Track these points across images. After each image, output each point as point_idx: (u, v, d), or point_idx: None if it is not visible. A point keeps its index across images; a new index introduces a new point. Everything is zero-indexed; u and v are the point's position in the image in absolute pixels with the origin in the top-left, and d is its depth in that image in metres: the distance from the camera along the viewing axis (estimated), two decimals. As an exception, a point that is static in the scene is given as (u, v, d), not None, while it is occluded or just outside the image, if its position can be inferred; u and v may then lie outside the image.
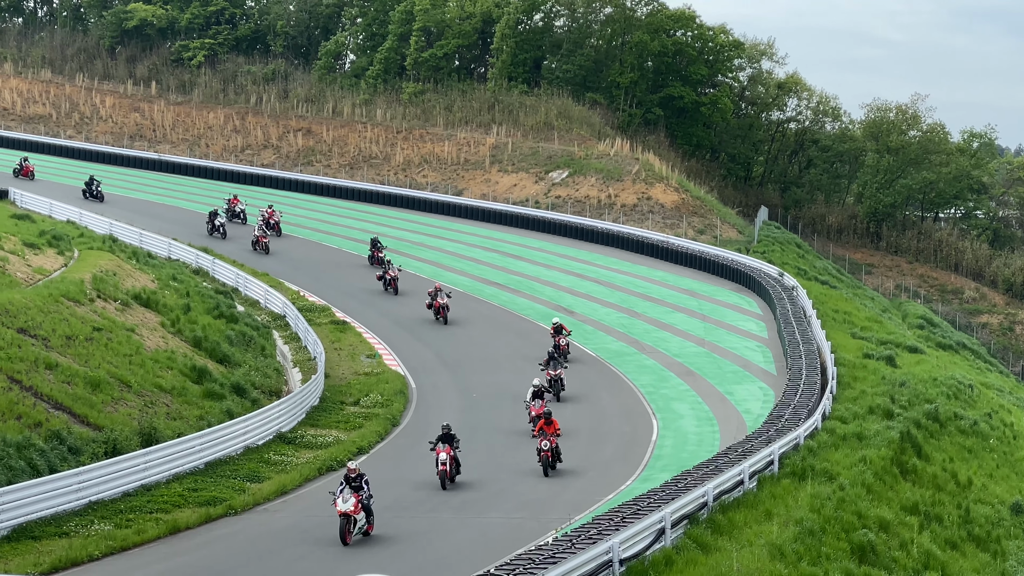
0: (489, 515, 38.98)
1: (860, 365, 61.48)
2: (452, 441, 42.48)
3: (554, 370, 56.80)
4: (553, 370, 56.78)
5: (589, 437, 50.75)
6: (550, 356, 57.54)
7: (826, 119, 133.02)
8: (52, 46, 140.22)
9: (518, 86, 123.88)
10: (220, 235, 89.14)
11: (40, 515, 36.07)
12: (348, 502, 35.49)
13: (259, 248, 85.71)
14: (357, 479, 36.31)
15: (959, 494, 44.10)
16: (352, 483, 36.13)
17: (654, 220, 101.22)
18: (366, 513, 36.14)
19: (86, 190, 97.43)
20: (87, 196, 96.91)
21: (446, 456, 42.13)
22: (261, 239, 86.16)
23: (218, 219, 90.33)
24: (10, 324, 47.29)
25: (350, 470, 36.66)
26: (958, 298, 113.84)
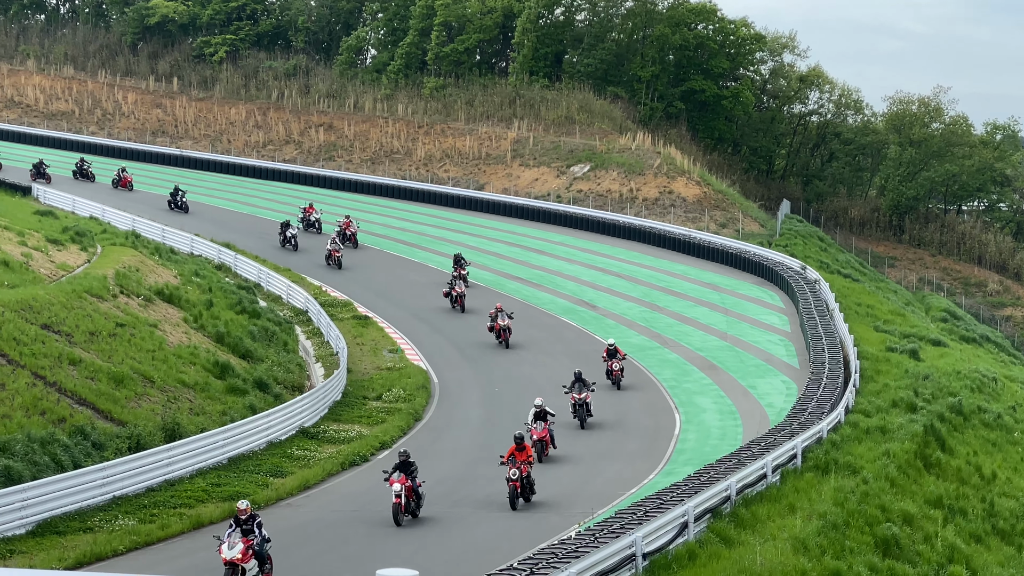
0: (511, 510, 38.96)
1: (883, 358, 61.33)
2: (409, 470, 37.24)
3: (579, 393, 51.24)
4: (578, 393, 51.24)
5: (612, 431, 50.72)
6: (576, 378, 51.66)
7: (848, 112, 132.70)
8: (74, 43, 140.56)
9: (539, 80, 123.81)
10: (292, 247, 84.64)
11: (64, 510, 36.20)
12: (235, 548, 30.29)
13: (331, 263, 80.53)
14: (248, 520, 30.77)
15: (983, 487, 43.96)
16: (242, 525, 30.72)
17: (676, 214, 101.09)
18: (259, 561, 30.79)
19: (171, 201, 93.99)
20: (172, 207, 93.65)
21: (400, 487, 36.77)
22: (334, 253, 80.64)
23: (290, 230, 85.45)
24: (34, 320, 47.45)
25: (240, 511, 30.85)
26: (981, 291, 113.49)
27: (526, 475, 39.45)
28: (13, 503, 34.59)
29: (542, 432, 45.72)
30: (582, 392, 51.35)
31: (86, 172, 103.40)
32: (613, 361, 57.04)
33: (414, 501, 37.43)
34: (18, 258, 59.84)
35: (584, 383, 51.55)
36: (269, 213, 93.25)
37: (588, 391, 51.50)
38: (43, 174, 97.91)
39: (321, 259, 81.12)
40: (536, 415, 46.25)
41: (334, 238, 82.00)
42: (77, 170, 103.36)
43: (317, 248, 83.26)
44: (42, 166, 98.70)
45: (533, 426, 45.94)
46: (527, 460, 39.59)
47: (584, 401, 51.17)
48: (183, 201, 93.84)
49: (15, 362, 43.40)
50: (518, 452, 39.61)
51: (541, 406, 46.38)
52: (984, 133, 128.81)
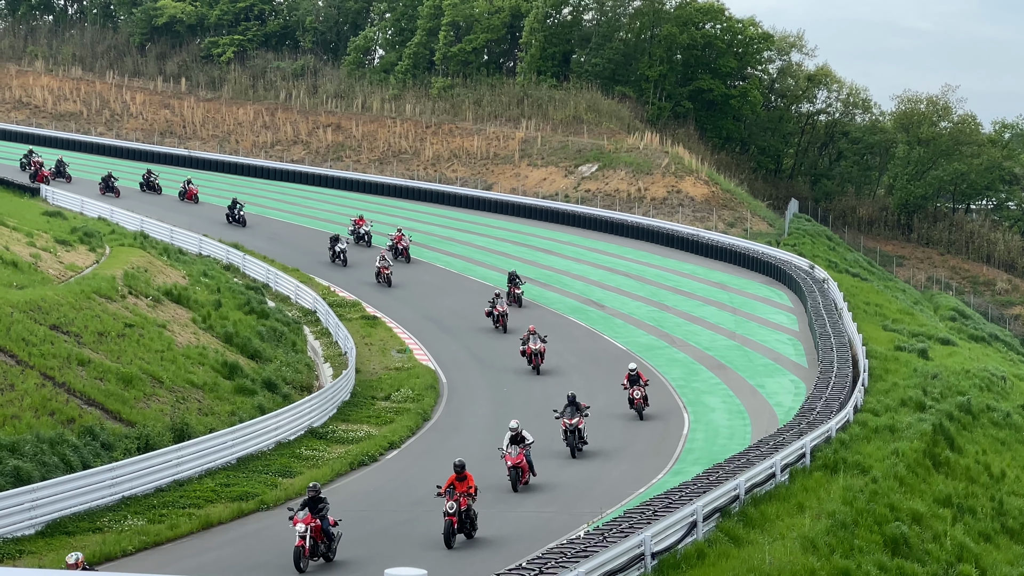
0: (520, 509, 38.99)
1: (892, 357, 61.30)
2: (318, 507, 33.30)
3: (571, 418, 46.36)
4: (570, 418, 46.35)
5: (621, 431, 50.71)
6: (569, 401, 46.82)
7: (856, 111, 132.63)
8: (82, 43, 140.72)
9: (547, 80, 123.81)
10: (341, 262, 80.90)
11: (74, 510, 36.25)
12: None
13: (381, 280, 76.51)
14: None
15: (992, 486, 43.93)
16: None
17: (684, 213, 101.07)
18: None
19: (229, 214, 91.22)
20: (230, 220, 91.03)
21: (305, 528, 32.85)
22: (383, 270, 76.55)
23: (339, 244, 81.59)
24: (43, 321, 47.52)
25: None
26: (990, 290, 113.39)
27: (465, 508, 34.96)
28: (23, 503, 34.66)
29: (516, 458, 41.22)
30: (574, 417, 46.40)
31: (153, 184, 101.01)
32: (635, 388, 51.89)
33: (324, 543, 33.21)
34: (27, 259, 59.94)
35: (577, 407, 46.63)
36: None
37: (581, 416, 46.59)
38: (112, 187, 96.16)
39: (371, 276, 77.48)
40: (511, 439, 41.61)
41: (383, 254, 77.88)
42: (144, 182, 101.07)
43: (366, 263, 79.88)
44: (111, 179, 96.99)
45: (507, 451, 41.46)
46: (468, 491, 35.23)
47: (576, 427, 46.28)
48: (241, 215, 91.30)
49: (24, 363, 43.47)
50: (458, 482, 35.35)
51: (517, 428, 41.64)
52: (992, 132, 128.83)
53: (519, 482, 41.27)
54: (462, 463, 35.87)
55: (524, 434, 41.52)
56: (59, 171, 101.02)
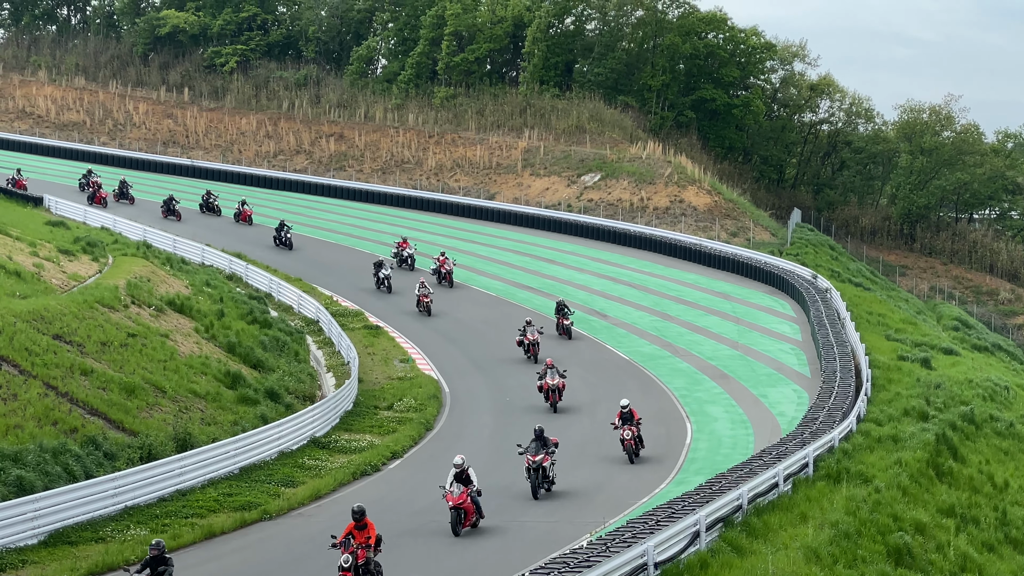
0: (524, 518, 38.95)
1: (895, 367, 61.27)
2: (158, 568, 29.65)
3: (535, 455, 41.60)
4: (534, 454, 41.62)
5: (623, 440, 50.64)
6: (536, 435, 42.20)
7: (859, 120, 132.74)
8: (86, 53, 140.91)
9: (550, 89, 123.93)
10: (385, 289, 77.63)
11: (77, 520, 36.22)
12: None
13: (421, 309, 72.77)
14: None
15: (996, 496, 43.89)
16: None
17: (687, 223, 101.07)
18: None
19: (276, 236, 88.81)
20: (277, 243, 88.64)
21: None
22: (423, 299, 72.65)
23: (383, 270, 78.11)
24: (46, 331, 47.53)
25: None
26: (993, 299, 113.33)
27: (364, 562, 31.06)
28: (25, 513, 34.63)
29: (459, 498, 36.76)
30: (539, 453, 41.73)
31: (212, 206, 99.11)
32: (626, 428, 46.87)
33: None
34: (30, 268, 59.97)
35: (544, 442, 42.05)
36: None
37: (547, 453, 41.84)
38: (173, 210, 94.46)
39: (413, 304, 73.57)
40: (456, 476, 37.31)
41: (423, 281, 73.96)
42: (203, 204, 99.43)
43: (411, 288, 75.81)
44: (172, 202, 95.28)
45: (449, 490, 37.03)
46: (366, 543, 31.37)
47: (541, 465, 41.51)
48: (287, 237, 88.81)
49: (27, 372, 43.47)
50: (356, 531, 31.71)
51: (462, 465, 37.59)
52: (995, 141, 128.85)
53: (460, 525, 36.90)
54: (361, 509, 31.87)
55: (470, 473, 37.29)
56: (122, 192, 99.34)
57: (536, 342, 63.29)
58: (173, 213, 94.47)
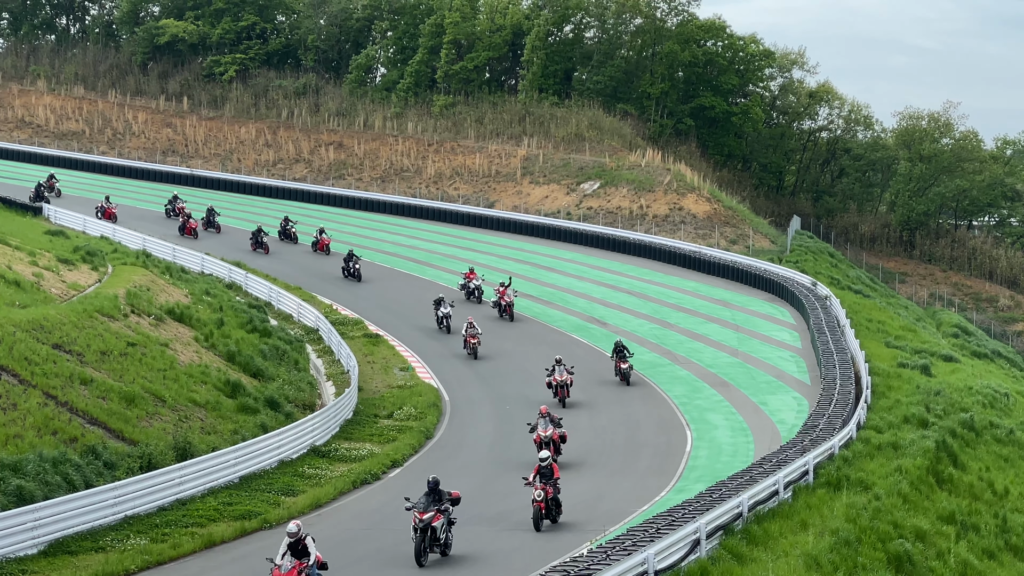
0: (524, 527, 38.92)
1: (894, 374, 61.27)
2: None
3: (423, 511, 34.79)
4: (422, 511, 34.82)
5: (623, 448, 50.65)
6: (430, 488, 35.56)
7: (858, 128, 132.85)
8: (85, 63, 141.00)
9: (549, 97, 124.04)
10: (445, 329, 71.50)
11: (76, 530, 36.19)
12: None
13: (467, 350, 66.34)
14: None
15: (996, 503, 43.87)
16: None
17: (686, 230, 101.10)
18: None
19: (345, 267, 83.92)
20: (346, 274, 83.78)
21: None
22: (469, 340, 66.09)
23: (442, 308, 71.63)
24: (45, 340, 47.51)
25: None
26: (993, 306, 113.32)
27: None
28: (25, 523, 34.59)
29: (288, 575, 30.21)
30: (428, 510, 34.91)
31: (290, 233, 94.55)
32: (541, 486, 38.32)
33: None
34: (29, 278, 59.95)
35: (438, 496, 35.49)
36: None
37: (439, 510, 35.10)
38: (262, 243, 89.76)
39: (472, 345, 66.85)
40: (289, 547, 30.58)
41: (471, 321, 66.85)
42: (281, 231, 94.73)
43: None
44: (261, 233, 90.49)
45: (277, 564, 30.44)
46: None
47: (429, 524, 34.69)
48: (357, 268, 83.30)
49: (26, 382, 43.45)
50: None
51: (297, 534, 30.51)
52: (994, 148, 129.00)
53: None
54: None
55: (308, 543, 30.58)
56: (209, 221, 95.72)
57: (566, 383, 56.75)
58: (261, 246, 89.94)
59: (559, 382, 56.11)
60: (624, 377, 61.26)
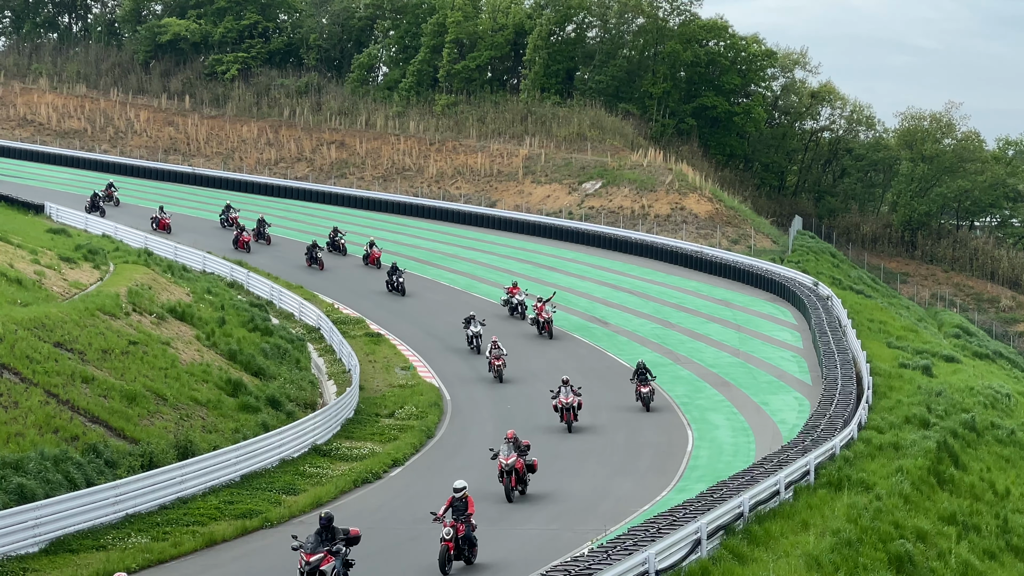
0: (525, 526, 38.92)
1: (896, 375, 61.24)
2: None
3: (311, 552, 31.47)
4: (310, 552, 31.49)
5: (625, 448, 50.64)
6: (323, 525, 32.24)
7: (860, 128, 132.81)
8: (87, 61, 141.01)
9: (551, 97, 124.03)
10: (475, 349, 66.67)
11: (77, 528, 36.20)
12: None
13: (492, 372, 62.19)
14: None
15: (997, 504, 43.86)
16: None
17: (688, 230, 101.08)
18: None
19: (389, 281, 79.90)
20: (390, 288, 79.56)
21: None
22: (494, 362, 61.72)
23: (472, 327, 67.07)
24: (47, 338, 47.52)
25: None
26: (994, 307, 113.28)
27: None
28: (26, 521, 34.62)
29: None
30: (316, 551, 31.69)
31: (338, 244, 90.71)
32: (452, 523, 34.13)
33: None
34: (31, 276, 59.96)
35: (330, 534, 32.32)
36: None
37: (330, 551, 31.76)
38: (316, 259, 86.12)
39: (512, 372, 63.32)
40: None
41: (496, 341, 62.33)
42: (330, 242, 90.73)
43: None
44: (316, 248, 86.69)
45: None
46: None
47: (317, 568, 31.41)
48: (400, 282, 79.46)
49: (28, 380, 43.47)
50: None
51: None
52: (996, 149, 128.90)
53: None
54: None
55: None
56: (260, 232, 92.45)
57: (572, 406, 53.31)
58: (316, 261, 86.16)
59: (565, 404, 52.92)
60: (645, 403, 56.56)
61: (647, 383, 56.72)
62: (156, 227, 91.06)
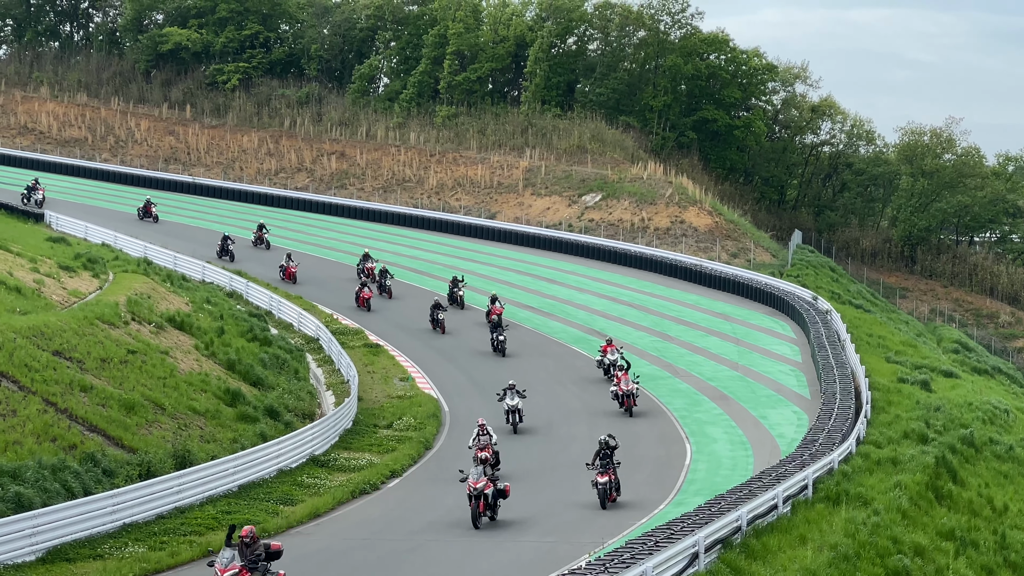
0: (522, 539, 38.89)
1: (895, 389, 61.23)
2: None
3: None
4: None
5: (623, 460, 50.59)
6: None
7: (860, 142, 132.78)
8: (88, 70, 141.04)
9: (551, 109, 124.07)
10: (512, 427, 55.37)
11: (75, 537, 36.17)
12: None
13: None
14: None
15: (995, 520, 43.84)
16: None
17: (687, 243, 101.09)
18: None
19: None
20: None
21: None
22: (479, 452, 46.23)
23: (509, 399, 55.60)
24: (45, 347, 47.51)
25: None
26: (993, 322, 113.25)
27: None
28: (23, 530, 34.59)
29: None
30: None
31: (456, 297, 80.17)
32: None
33: None
34: (30, 284, 59.96)
35: None
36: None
37: None
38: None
39: None
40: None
41: (483, 426, 48.35)
42: (450, 295, 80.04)
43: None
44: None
45: None
46: None
47: None
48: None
49: (26, 388, 43.45)
50: None
51: None
52: (996, 164, 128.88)
53: None
54: None
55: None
56: (382, 286, 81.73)
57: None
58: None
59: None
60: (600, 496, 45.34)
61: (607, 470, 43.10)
62: (283, 276, 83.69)
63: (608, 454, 42.50)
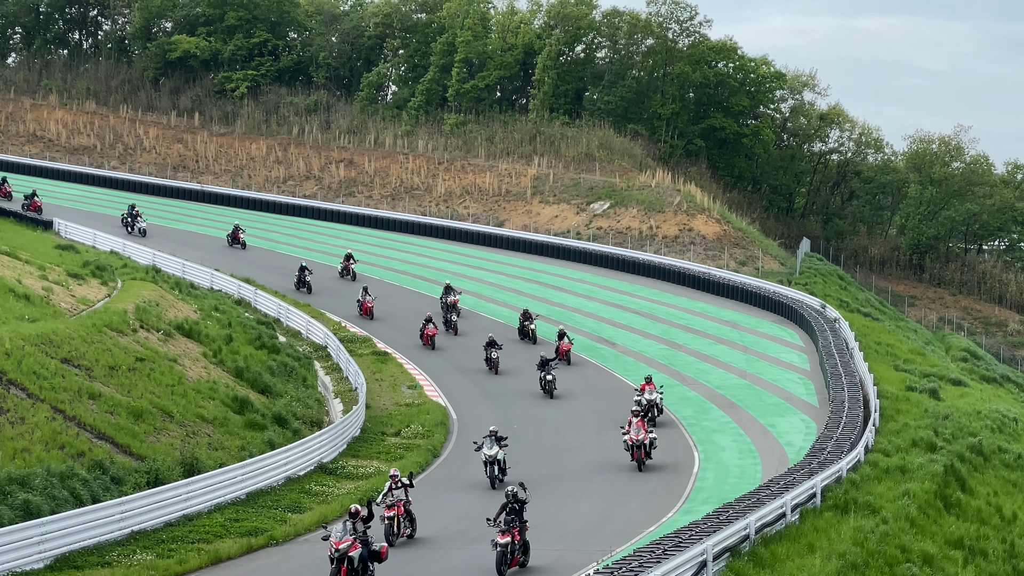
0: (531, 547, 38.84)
1: (903, 398, 61.15)
2: None
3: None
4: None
5: (630, 468, 50.57)
6: None
7: (868, 150, 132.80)
8: (97, 78, 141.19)
9: (560, 117, 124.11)
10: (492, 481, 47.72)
11: (83, 545, 36.17)
12: None
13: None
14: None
15: (1004, 528, 43.76)
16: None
17: (696, 251, 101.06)
18: None
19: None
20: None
21: None
22: None
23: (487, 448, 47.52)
24: (54, 354, 47.54)
25: None
26: (1002, 331, 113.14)
27: None
28: (32, 537, 34.58)
29: None
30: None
31: (527, 331, 73.68)
32: None
33: None
34: (39, 292, 60.03)
35: None
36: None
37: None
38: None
39: None
40: None
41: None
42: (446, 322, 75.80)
43: None
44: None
45: None
46: None
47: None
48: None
49: (35, 396, 43.48)
50: None
51: None
52: (1005, 172, 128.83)
53: None
54: None
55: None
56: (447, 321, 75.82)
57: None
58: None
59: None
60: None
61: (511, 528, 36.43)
62: (361, 312, 78.87)
63: (516, 509, 35.74)
